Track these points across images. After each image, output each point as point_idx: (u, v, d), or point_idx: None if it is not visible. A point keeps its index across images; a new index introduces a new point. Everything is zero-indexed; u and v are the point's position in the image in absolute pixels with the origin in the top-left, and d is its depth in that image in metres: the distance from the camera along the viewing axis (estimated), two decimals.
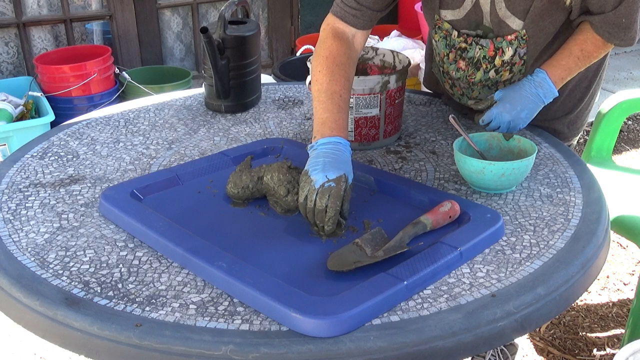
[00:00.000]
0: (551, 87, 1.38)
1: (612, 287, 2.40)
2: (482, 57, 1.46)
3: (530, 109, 1.38)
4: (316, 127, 1.26)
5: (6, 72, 3.38)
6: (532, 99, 1.38)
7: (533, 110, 1.39)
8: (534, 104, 1.38)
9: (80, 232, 1.17)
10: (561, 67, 1.39)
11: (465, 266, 1.07)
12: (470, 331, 0.94)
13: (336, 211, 1.13)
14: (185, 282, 1.04)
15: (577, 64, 1.40)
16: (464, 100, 1.57)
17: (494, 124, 1.39)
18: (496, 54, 1.44)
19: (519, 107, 1.37)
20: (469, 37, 1.46)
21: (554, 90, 1.39)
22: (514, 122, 1.38)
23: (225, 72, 1.64)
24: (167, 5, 3.65)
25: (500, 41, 1.42)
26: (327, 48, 1.37)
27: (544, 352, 2.10)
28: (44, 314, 0.98)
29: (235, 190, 1.25)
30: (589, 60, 1.41)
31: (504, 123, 1.38)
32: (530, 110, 1.38)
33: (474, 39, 1.45)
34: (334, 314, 0.91)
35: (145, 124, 1.64)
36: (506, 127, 1.38)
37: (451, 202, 1.17)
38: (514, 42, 1.41)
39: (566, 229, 1.17)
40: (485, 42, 1.44)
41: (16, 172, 1.39)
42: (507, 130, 1.39)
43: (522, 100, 1.38)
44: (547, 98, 1.39)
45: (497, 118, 1.38)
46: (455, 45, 1.48)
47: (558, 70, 1.39)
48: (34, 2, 3.35)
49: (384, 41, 3.40)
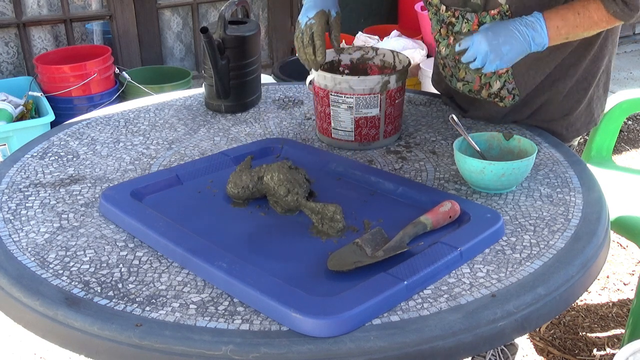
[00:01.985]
0: (543, 31, 1.29)
1: (612, 287, 2.40)
2: (468, 32, 1.46)
3: (514, 46, 1.28)
4: None
5: (6, 72, 3.38)
6: (517, 36, 1.28)
7: (517, 48, 1.28)
8: (519, 43, 1.28)
9: (80, 232, 1.17)
10: (559, 15, 1.30)
11: (466, 266, 1.07)
12: (470, 331, 0.94)
13: (322, 41, 1.32)
14: (186, 282, 1.04)
15: (576, 20, 1.30)
16: (454, 83, 1.58)
17: (469, 52, 1.28)
18: None
19: (502, 40, 1.27)
20: (457, 11, 1.47)
21: (544, 37, 1.29)
22: (493, 54, 1.27)
23: (225, 72, 1.64)
24: (167, 5, 3.65)
25: (485, 16, 1.42)
26: None
27: (544, 352, 2.10)
28: (44, 314, 0.98)
29: (236, 190, 1.25)
30: (590, 21, 1.31)
31: (481, 53, 1.27)
32: (513, 47, 1.27)
33: (461, 12, 1.46)
34: (334, 314, 0.91)
35: (145, 124, 1.64)
36: (482, 60, 1.28)
37: (451, 202, 1.18)
38: (496, 17, 1.40)
39: (566, 229, 1.17)
40: (471, 15, 1.45)
41: (16, 172, 1.39)
42: (483, 64, 1.28)
43: (507, 33, 1.28)
44: (537, 42, 1.29)
45: (475, 46, 1.27)
46: (445, 20, 1.51)
47: (555, 16, 1.30)
48: (34, 2, 3.35)
49: (384, 41, 3.40)
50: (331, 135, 1.51)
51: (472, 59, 1.28)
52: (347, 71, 1.61)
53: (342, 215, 1.15)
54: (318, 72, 1.47)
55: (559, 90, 1.50)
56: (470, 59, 1.28)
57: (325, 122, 1.51)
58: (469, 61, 1.28)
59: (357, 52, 1.62)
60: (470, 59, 1.28)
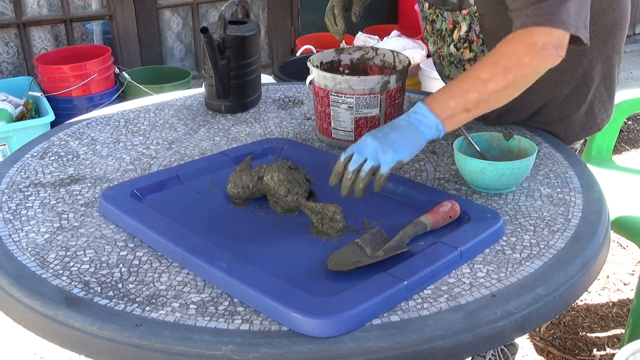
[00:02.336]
0: (426, 111, 1.16)
1: (612, 287, 2.40)
2: (445, 29, 1.49)
3: (402, 133, 1.14)
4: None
5: (6, 72, 3.38)
6: (402, 124, 1.16)
7: (406, 135, 1.14)
8: (406, 129, 1.15)
9: (80, 232, 1.17)
10: (443, 89, 1.20)
11: (466, 266, 1.07)
12: (470, 331, 0.94)
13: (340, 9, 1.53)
14: (186, 282, 1.04)
15: (467, 83, 1.18)
16: (443, 80, 1.62)
17: (355, 156, 1.13)
18: (455, 28, 1.47)
19: (387, 130, 1.15)
20: (437, 9, 1.50)
21: (430, 116, 1.16)
22: (381, 145, 1.12)
23: (225, 72, 1.64)
24: (167, 5, 3.65)
25: (458, 15, 1.44)
26: None
27: (544, 352, 2.10)
28: (44, 314, 0.98)
29: (236, 190, 1.25)
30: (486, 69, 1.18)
31: (369, 149, 1.12)
32: (401, 134, 1.14)
33: (440, 10, 1.49)
34: (334, 314, 0.91)
35: (145, 124, 1.64)
36: (373, 155, 1.12)
37: (451, 202, 1.17)
38: (467, 18, 1.42)
39: (566, 229, 1.17)
40: (447, 14, 1.47)
41: (16, 172, 1.39)
42: (376, 161, 1.12)
43: (391, 124, 1.17)
44: (426, 124, 1.16)
45: (360, 145, 1.13)
46: (428, 17, 1.55)
47: (439, 92, 1.20)
48: (34, 2, 3.35)
49: (384, 41, 3.40)
50: (331, 135, 1.51)
51: (362, 160, 1.12)
52: (347, 71, 1.62)
53: (342, 215, 1.15)
54: (318, 72, 1.47)
55: (557, 95, 1.49)
56: (360, 160, 1.12)
57: (325, 122, 1.51)
58: (359, 164, 1.12)
59: (357, 52, 1.62)
60: (359, 161, 1.12)
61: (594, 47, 1.43)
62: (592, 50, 1.44)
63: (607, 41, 1.45)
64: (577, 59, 1.44)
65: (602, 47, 1.45)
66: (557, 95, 1.49)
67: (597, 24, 1.40)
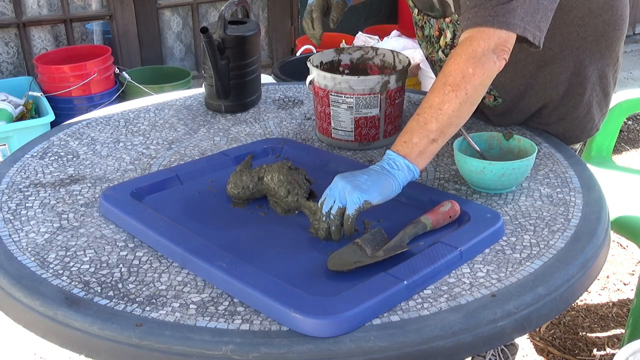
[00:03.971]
0: (390, 153, 1.16)
1: (612, 287, 2.40)
2: (433, 36, 1.50)
3: (371, 175, 1.14)
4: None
5: (6, 72, 3.38)
6: (375, 168, 1.16)
7: (374, 176, 1.13)
8: (375, 172, 1.14)
9: (80, 232, 1.17)
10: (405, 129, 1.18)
11: (466, 266, 1.07)
12: (470, 331, 0.94)
13: (318, 14, 1.46)
14: (186, 282, 1.04)
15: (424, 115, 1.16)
16: None
17: (328, 199, 1.13)
18: (441, 35, 1.48)
19: (356, 173, 1.14)
20: (424, 16, 1.51)
21: (396, 156, 1.15)
22: (349, 185, 1.11)
23: (225, 72, 1.64)
24: (167, 5, 3.65)
25: (442, 22, 1.46)
26: None
27: (544, 352, 2.10)
28: (44, 313, 0.98)
29: (236, 190, 1.25)
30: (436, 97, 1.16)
31: (338, 189, 1.12)
32: (370, 176, 1.13)
33: (427, 17, 1.51)
34: (334, 314, 0.91)
35: (145, 124, 1.64)
36: (340, 196, 1.12)
37: (451, 202, 1.17)
38: (450, 26, 1.43)
39: (566, 229, 1.17)
40: (433, 22, 1.49)
41: (16, 172, 1.39)
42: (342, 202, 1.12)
43: (365, 169, 1.16)
44: (391, 165, 1.15)
45: (331, 190, 1.13)
46: (418, 23, 1.56)
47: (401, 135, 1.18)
48: (34, 2, 3.35)
49: (384, 41, 3.40)
50: (331, 135, 1.51)
51: (332, 202, 1.12)
52: (347, 71, 1.62)
53: None
54: (318, 72, 1.47)
55: (553, 96, 1.49)
56: (330, 203, 1.12)
57: (325, 122, 1.51)
58: (329, 207, 1.12)
59: (357, 52, 1.62)
60: (330, 203, 1.12)
61: (586, 48, 1.43)
62: (584, 50, 1.43)
63: (600, 41, 1.44)
64: (568, 59, 1.44)
65: (596, 48, 1.44)
66: (554, 97, 1.49)
67: (587, 25, 1.40)
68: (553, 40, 1.38)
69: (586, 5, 1.37)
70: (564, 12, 1.35)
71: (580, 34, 1.41)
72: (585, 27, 1.40)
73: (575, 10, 1.37)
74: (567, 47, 1.42)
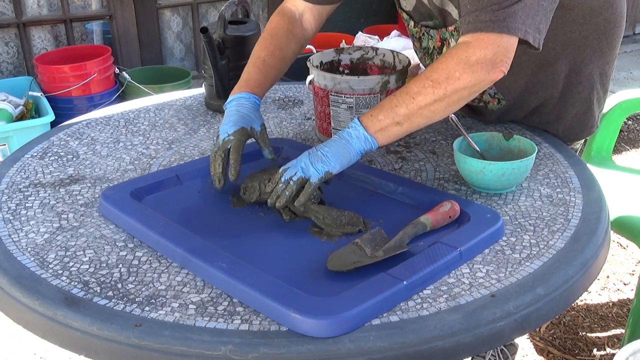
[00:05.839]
0: (357, 125, 1.19)
1: (612, 287, 2.40)
2: (433, 47, 1.47)
3: (332, 146, 1.18)
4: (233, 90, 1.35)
5: (6, 72, 3.38)
6: (336, 138, 1.20)
7: (335, 147, 1.18)
8: (336, 142, 1.19)
9: (80, 232, 1.17)
10: (377, 105, 1.20)
11: (465, 266, 1.07)
12: (469, 331, 0.94)
13: (236, 156, 1.24)
14: (185, 282, 1.04)
15: (397, 98, 1.18)
16: None
17: (290, 170, 1.18)
18: (443, 45, 1.45)
19: (322, 145, 1.19)
20: (422, 27, 1.48)
21: (359, 128, 1.18)
22: (311, 157, 1.17)
23: (225, 72, 1.64)
24: (167, 5, 3.65)
25: (444, 32, 1.42)
26: (269, 24, 1.47)
27: (544, 352, 2.10)
28: (44, 314, 0.98)
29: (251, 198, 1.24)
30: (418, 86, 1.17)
31: (301, 163, 1.17)
32: (331, 147, 1.18)
33: (425, 29, 1.47)
34: (334, 314, 0.91)
35: (145, 124, 1.64)
36: (303, 168, 1.17)
37: (451, 202, 1.17)
38: (454, 34, 1.40)
39: (566, 229, 1.17)
40: (433, 32, 1.46)
41: (16, 172, 1.39)
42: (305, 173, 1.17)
43: (327, 141, 1.21)
44: (355, 135, 1.18)
45: (295, 162, 1.18)
46: (415, 35, 1.54)
47: (371, 109, 1.20)
48: (34, 2, 3.35)
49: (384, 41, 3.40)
50: (331, 135, 1.51)
51: (294, 173, 1.17)
52: (347, 71, 1.62)
53: (361, 220, 1.17)
54: (318, 72, 1.47)
55: (553, 94, 1.49)
56: (292, 173, 1.17)
57: (325, 122, 1.51)
58: (290, 176, 1.17)
59: (357, 52, 1.62)
60: (291, 173, 1.17)
61: (588, 46, 1.44)
62: (585, 49, 1.44)
63: (601, 39, 1.44)
64: (570, 58, 1.44)
65: (597, 46, 1.45)
66: (554, 95, 1.49)
67: (589, 24, 1.40)
68: (555, 39, 1.39)
69: (587, 4, 1.37)
70: (566, 11, 1.35)
71: (582, 33, 1.41)
72: (587, 25, 1.40)
73: (576, 8, 1.37)
74: (570, 46, 1.42)
